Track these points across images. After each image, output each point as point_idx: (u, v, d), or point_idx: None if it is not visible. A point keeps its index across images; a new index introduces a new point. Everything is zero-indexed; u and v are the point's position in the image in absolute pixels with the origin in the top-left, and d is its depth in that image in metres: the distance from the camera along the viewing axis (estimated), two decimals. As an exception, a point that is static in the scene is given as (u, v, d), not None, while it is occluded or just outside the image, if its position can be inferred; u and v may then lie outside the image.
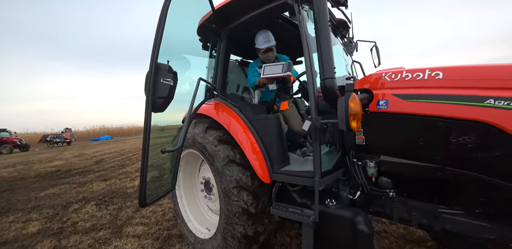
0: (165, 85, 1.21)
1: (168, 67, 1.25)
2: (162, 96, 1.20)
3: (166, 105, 1.25)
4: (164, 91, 1.21)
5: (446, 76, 1.15)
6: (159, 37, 1.19)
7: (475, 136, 1.03)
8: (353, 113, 1.03)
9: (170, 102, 1.27)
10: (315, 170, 1.29)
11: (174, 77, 1.26)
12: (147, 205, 1.27)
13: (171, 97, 1.26)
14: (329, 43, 1.17)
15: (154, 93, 1.18)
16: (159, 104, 1.21)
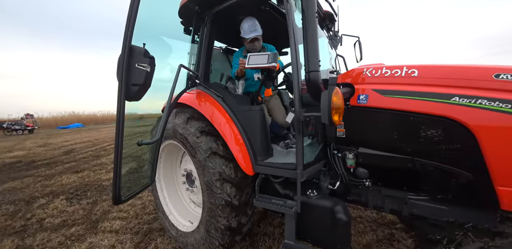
0: (140, 71, 1.09)
1: (144, 51, 1.12)
2: (136, 83, 1.08)
3: (141, 94, 1.15)
4: (139, 78, 1.09)
5: (420, 73, 1.22)
6: (133, 15, 1.05)
7: (441, 130, 1.13)
8: (336, 107, 1.06)
9: (146, 90, 1.16)
10: (298, 162, 1.32)
11: (151, 63, 1.14)
12: (122, 202, 1.20)
13: (148, 84, 1.15)
14: (315, 36, 1.16)
15: (128, 80, 1.06)
16: (133, 92, 1.09)
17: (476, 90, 1.05)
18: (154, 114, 2.30)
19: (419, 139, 1.20)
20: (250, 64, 1.54)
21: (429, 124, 1.16)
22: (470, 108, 1.03)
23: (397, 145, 1.28)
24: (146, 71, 1.10)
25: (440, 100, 1.11)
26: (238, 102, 1.75)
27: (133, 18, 1.05)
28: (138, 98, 1.14)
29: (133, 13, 1.05)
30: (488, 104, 1.00)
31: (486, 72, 1.05)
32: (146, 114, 7.20)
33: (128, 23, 1.05)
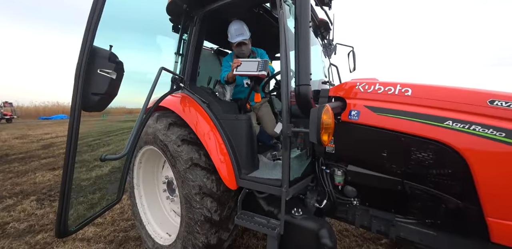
0: (103, 78, 0.93)
1: (110, 54, 0.95)
2: (97, 92, 0.93)
3: (104, 104, 0.99)
4: (101, 86, 0.93)
5: (414, 93, 1.17)
6: (99, 6, 0.86)
7: (432, 153, 1.08)
8: (325, 127, 0.98)
9: (110, 100, 1.01)
10: (283, 180, 1.25)
11: (118, 69, 0.98)
12: (70, 234, 1.02)
13: (112, 94, 1.00)
14: (307, 47, 1.08)
15: (86, 88, 0.90)
16: (92, 102, 0.93)
17: (470, 115, 1.01)
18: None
19: (409, 161, 1.15)
20: (238, 71, 1.44)
21: (420, 146, 1.11)
22: (463, 134, 0.99)
23: (387, 165, 1.23)
24: (110, 79, 0.94)
25: (433, 123, 1.06)
26: (224, 109, 1.65)
27: (98, 12, 0.87)
28: (99, 108, 0.99)
29: (98, 5, 0.86)
30: (482, 131, 0.95)
31: (480, 97, 1.01)
32: (136, 109, 6.83)
33: (91, 18, 0.86)
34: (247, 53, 1.90)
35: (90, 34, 0.87)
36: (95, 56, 0.91)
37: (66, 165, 0.95)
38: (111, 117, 6.11)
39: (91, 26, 0.86)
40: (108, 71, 0.94)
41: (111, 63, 0.95)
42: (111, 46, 0.97)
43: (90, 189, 3.53)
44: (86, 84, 0.89)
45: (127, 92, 1.19)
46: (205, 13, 1.70)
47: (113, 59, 0.97)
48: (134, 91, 1.21)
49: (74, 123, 0.91)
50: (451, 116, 1.02)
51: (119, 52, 0.99)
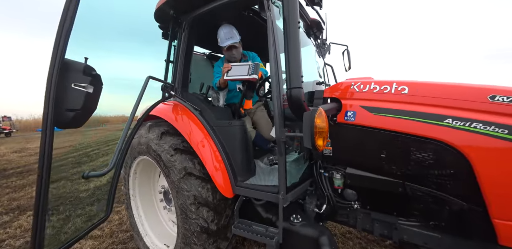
0: (78, 92, 0.87)
1: (84, 67, 0.90)
2: (73, 108, 0.87)
3: (81, 120, 0.94)
4: (76, 101, 0.87)
5: (411, 91, 1.13)
6: (72, 11, 0.80)
7: (432, 153, 1.04)
8: (319, 131, 0.94)
9: (89, 115, 0.96)
10: (280, 186, 1.20)
11: (95, 82, 0.92)
12: None
13: (90, 109, 0.94)
14: (297, 50, 1.04)
15: (59, 104, 0.84)
16: (67, 118, 0.88)
17: (470, 112, 0.96)
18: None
19: (409, 162, 1.11)
20: (229, 76, 1.41)
21: (419, 146, 1.07)
22: (464, 132, 0.94)
23: (386, 167, 1.18)
24: (86, 93, 0.89)
25: (432, 122, 1.02)
26: (218, 115, 1.61)
27: (70, 19, 0.80)
28: (75, 124, 0.94)
29: (69, 12, 0.80)
30: (484, 128, 0.91)
31: (480, 93, 0.97)
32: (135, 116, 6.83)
33: (62, 26, 0.80)
34: (238, 57, 1.87)
35: (61, 46, 0.81)
36: (68, 70, 0.86)
37: (39, 186, 0.87)
38: (110, 126, 6.04)
39: (61, 36, 0.81)
40: (83, 85, 0.88)
41: (86, 77, 0.89)
42: (86, 58, 0.92)
43: (89, 200, 3.47)
44: (59, 100, 0.83)
45: (124, 99, 1.15)
46: (193, 18, 1.68)
47: (89, 72, 0.91)
48: (131, 98, 1.17)
49: (46, 142, 0.84)
50: (451, 114, 0.98)
51: (104, 62, 0.95)
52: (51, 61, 0.81)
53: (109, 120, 27.95)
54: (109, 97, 17.40)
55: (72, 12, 0.81)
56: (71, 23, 0.81)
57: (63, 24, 0.80)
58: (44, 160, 0.85)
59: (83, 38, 0.90)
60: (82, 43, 0.86)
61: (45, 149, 0.85)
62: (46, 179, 0.85)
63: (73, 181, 4.48)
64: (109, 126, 17.83)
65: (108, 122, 24.30)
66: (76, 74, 0.87)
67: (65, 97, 0.86)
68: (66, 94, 0.85)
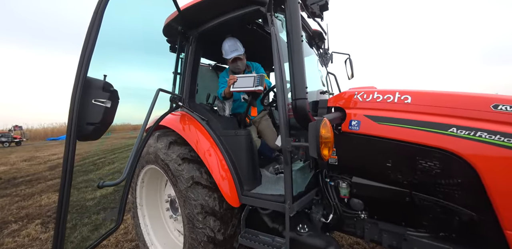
0: (97, 107, 0.94)
1: (104, 84, 0.97)
2: (93, 121, 0.94)
3: (99, 133, 1.01)
4: (96, 116, 0.95)
5: (414, 100, 1.15)
6: (93, 35, 0.88)
7: (438, 163, 1.04)
8: (325, 141, 0.96)
9: (106, 128, 1.02)
10: (286, 195, 1.21)
11: (113, 97, 1.00)
12: None
13: (107, 122, 1.01)
14: (301, 61, 1.09)
15: (81, 119, 0.91)
16: (87, 131, 0.94)
17: (474, 121, 0.97)
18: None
19: (416, 171, 1.11)
20: (235, 88, 1.46)
21: (425, 155, 1.07)
22: (470, 141, 0.95)
23: (392, 176, 1.18)
24: (105, 108, 0.96)
25: (436, 131, 1.02)
26: (224, 125, 1.65)
27: (92, 43, 0.89)
28: (94, 137, 1.00)
29: (92, 36, 0.88)
30: (489, 137, 0.91)
31: (483, 102, 0.98)
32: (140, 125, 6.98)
33: (85, 47, 0.88)
34: (243, 68, 1.94)
35: (84, 66, 0.89)
36: (90, 87, 0.93)
37: (61, 197, 0.92)
38: (116, 134, 6.17)
39: (85, 58, 0.89)
40: (103, 101, 0.95)
41: (105, 93, 0.97)
42: (105, 75, 0.99)
43: (95, 209, 3.49)
44: (81, 115, 0.90)
45: (131, 108, 1.20)
46: (200, 33, 1.76)
47: (108, 88, 0.98)
48: (138, 107, 1.22)
49: (69, 154, 0.90)
50: (455, 123, 0.99)
51: (116, 76, 1.02)
52: (75, 79, 0.88)
53: (115, 129, 28.46)
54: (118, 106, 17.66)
55: (94, 36, 0.89)
56: (93, 45, 0.89)
57: (86, 47, 0.88)
58: (67, 168, 0.91)
59: (103, 54, 0.99)
60: (99, 58, 0.93)
61: (68, 159, 0.90)
62: (68, 186, 0.91)
63: (79, 190, 4.53)
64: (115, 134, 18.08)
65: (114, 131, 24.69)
66: (96, 91, 0.95)
67: (86, 112, 0.92)
68: (87, 109, 0.92)
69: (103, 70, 0.99)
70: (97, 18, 0.90)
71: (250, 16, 1.54)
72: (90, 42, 0.88)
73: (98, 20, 0.90)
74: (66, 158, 0.90)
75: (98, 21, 0.90)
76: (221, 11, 1.53)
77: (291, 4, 1.12)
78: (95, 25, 0.89)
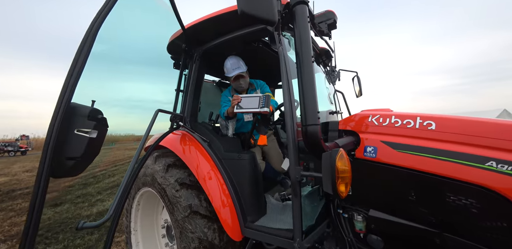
0: (80, 138, 0.80)
1: (90, 111, 0.83)
2: (72, 156, 0.79)
3: (79, 168, 0.85)
4: (77, 149, 0.79)
5: (439, 127, 1.03)
6: (84, 56, 0.77)
7: (475, 201, 0.89)
8: (342, 176, 0.84)
9: (89, 162, 0.87)
10: (295, 232, 1.06)
11: (100, 126, 0.84)
12: None
13: (92, 155, 0.86)
14: (312, 85, 1.00)
15: (59, 152, 0.76)
16: (65, 167, 0.79)
17: None
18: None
19: (446, 209, 0.96)
20: (239, 109, 1.37)
21: (457, 191, 0.93)
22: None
23: (416, 212, 1.03)
24: (89, 139, 0.81)
25: (470, 164, 0.89)
26: (227, 146, 1.54)
27: (79, 68, 0.77)
28: (72, 174, 0.84)
29: (82, 54, 0.77)
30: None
31: None
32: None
33: (70, 73, 0.76)
34: (246, 87, 1.87)
35: (68, 90, 0.76)
36: (73, 115, 0.79)
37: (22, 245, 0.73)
38: (119, 145, 6.06)
39: (71, 79, 0.76)
40: (87, 131, 0.81)
41: (91, 121, 0.82)
42: (94, 101, 0.86)
43: (89, 229, 3.30)
44: (58, 148, 0.75)
45: (135, 119, 1.10)
46: (204, 50, 1.73)
47: (94, 116, 0.84)
48: (142, 118, 1.12)
49: (38, 195, 0.74)
50: (494, 156, 0.85)
51: (119, 88, 0.92)
52: (56, 105, 0.75)
53: (118, 139, 28.55)
54: (121, 116, 17.71)
55: (84, 55, 0.79)
56: (82, 67, 0.78)
57: (74, 68, 0.77)
58: (33, 212, 0.73)
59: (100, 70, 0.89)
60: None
61: (37, 199, 0.73)
62: (33, 227, 0.73)
63: (76, 205, 4.37)
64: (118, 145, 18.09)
65: (117, 141, 24.79)
66: (80, 119, 0.81)
67: (66, 145, 0.78)
68: (67, 141, 0.78)
69: (99, 90, 0.89)
70: (90, 34, 0.80)
71: (256, 34, 1.49)
72: (78, 65, 0.77)
73: (91, 38, 0.80)
74: (34, 200, 0.73)
75: (90, 39, 0.80)
76: (226, 29, 1.49)
77: (301, 24, 1.06)
78: (85, 46, 0.79)
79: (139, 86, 4.79)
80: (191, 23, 1.54)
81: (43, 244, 2.86)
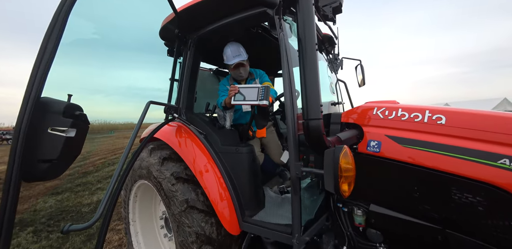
0: (55, 138, 0.71)
1: (66, 107, 0.74)
2: (47, 158, 0.71)
3: (58, 171, 0.77)
4: (52, 150, 0.71)
5: (449, 121, 0.96)
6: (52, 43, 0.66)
7: (484, 200, 0.86)
8: (345, 175, 0.79)
9: (69, 164, 0.80)
10: (294, 227, 1.04)
11: (78, 124, 0.76)
12: None
13: (71, 156, 0.79)
14: (315, 76, 0.91)
15: (28, 154, 0.67)
16: (39, 170, 0.71)
17: None
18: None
19: (450, 206, 0.93)
20: (237, 101, 1.29)
21: (464, 188, 0.89)
22: None
23: (420, 208, 1.00)
24: (65, 138, 0.72)
25: (481, 161, 0.84)
26: (224, 139, 1.48)
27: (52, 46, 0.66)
28: (50, 176, 0.75)
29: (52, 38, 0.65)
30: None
31: None
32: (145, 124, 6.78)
33: (40, 57, 0.65)
34: (245, 76, 1.77)
35: (37, 82, 0.64)
36: (45, 112, 0.69)
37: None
38: (118, 133, 5.97)
39: (39, 69, 0.65)
40: (63, 129, 0.71)
41: (66, 119, 0.73)
42: (70, 95, 0.76)
43: (90, 216, 3.36)
44: (29, 150, 0.66)
45: (134, 108, 1.03)
46: (199, 36, 1.60)
47: (71, 112, 0.75)
48: (141, 107, 1.03)
49: (8, 202, 0.65)
50: (506, 153, 0.80)
51: (119, 72, 0.81)
52: (23, 100, 0.64)
53: (117, 127, 28.44)
54: (121, 105, 17.23)
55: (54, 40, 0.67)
56: (53, 54, 0.67)
57: (42, 57, 0.65)
58: (3, 221, 0.64)
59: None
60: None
61: (7, 207, 0.65)
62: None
63: (77, 194, 4.42)
64: (117, 133, 18.08)
65: (116, 129, 24.73)
66: (54, 117, 0.71)
67: (38, 146, 0.69)
68: (39, 141, 0.69)
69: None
70: (61, 13, 0.68)
71: (255, 19, 1.36)
72: (47, 51, 0.66)
73: (63, 18, 0.68)
74: (3, 208, 0.64)
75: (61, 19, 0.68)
76: (222, 13, 1.36)
77: (305, 6, 0.94)
78: (55, 29, 0.67)
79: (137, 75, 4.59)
80: (184, 6, 1.40)
81: (45, 232, 2.92)
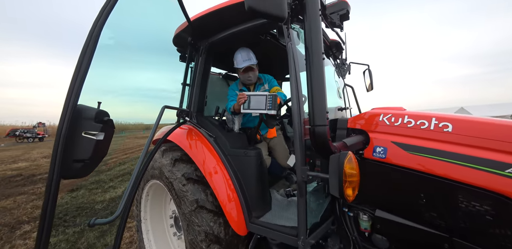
0: (87, 141, 0.81)
1: (96, 113, 0.83)
2: (80, 158, 0.80)
3: (88, 170, 0.87)
4: (85, 151, 0.81)
5: (456, 129, 0.97)
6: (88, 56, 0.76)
7: (491, 209, 0.86)
8: (349, 180, 0.82)
9: (97, 163, 0.89)
10: (300, 230, 1.07)
11: (106, 128, 0.86)
12: None
13: (99, 156, 0.88)
14: (322, 83, 0.95)
15: (67, 155, 0.77)
16: (74, 169, 0.80)
17: None
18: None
19: (459, 214, 0.93)
20: (245, 109, 1.34)
21: (473, 198, 0.89)
22: None
23: (426, 215, 1.01)
24: (96, 141, 0.82)
25: (489, 170, 0.85)
26: (233, 142, 1.54)
27: (83, 71, 0.76)
28: (81, 175, 0.86)
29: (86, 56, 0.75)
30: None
31: None
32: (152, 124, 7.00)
33: (78, 70, 0.75)
34: (254, 80, 1.83)
35: (75, 92, 0.75)
36: (80, 118, 0.79)
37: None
38: (129, 133, 6.22)
39: (76, 81, 0.75)
40: (94, 133, 0.82)
41: (97, 124, 0.83)
42: (100, 102, 0.86)
43: (103, 213, 3.50)
44: (67, 151, 0.76)
45: (142, 108, 1.10)
46: (210, 43, 1.68)
47: (101, 118, 0.84)
48: (151, 107, 1.10)
49: (50, 197, 0.76)
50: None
51: (129, 73, 0.90)
52: (64, 108, 0.75)
53: (128, 128, 29.37)
54: (131, 106, 18.02)
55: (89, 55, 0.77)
56: (87, 68, 0.77)
57: (79, 70, 0.76)
58: (46, 213, 0.76)
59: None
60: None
61: (49, 202, 0.76)
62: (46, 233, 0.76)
63: (91, 191, 4.62)
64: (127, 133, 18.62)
65: (127, 129, 25.53)
66: (87, 122, 0.82)
67: (74, 148, 0.80)
68: (75, 144, 0.79)
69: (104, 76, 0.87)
70: (93, 35, 0.78)
71: (264, 27, 1.42)
72: (83, 66, 0.76)
73: (95, 39, 0.78)
74: (46, 201, 0.76)
75: (94, 39, 0.78)
76: (233, 22, 1.43)
77: (312, 15, 0.99)
78: (89, 46, 0.77)
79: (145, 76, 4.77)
80: (196, 15, 1.48)
81: (62, 227, 3.07)
